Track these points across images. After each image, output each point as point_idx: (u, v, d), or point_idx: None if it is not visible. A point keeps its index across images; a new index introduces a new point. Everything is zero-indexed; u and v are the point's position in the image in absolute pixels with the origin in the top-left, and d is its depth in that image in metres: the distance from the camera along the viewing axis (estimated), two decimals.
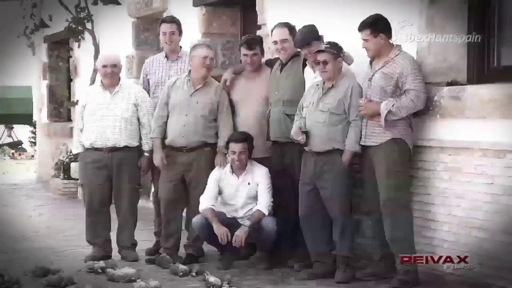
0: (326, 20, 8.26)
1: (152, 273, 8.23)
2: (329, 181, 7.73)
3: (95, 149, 8.97)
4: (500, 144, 6.82)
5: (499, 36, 7.41)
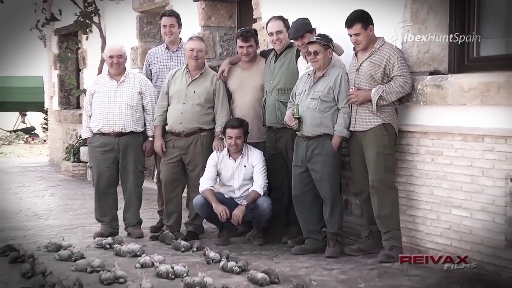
0: (318, 14, 8.22)
1: (156, 248, 8.27)
2: (319, 164, 7.74)
3: (103, 134, 9.00)
4: (479, 129, 6.85)
5: (478, 29, 7.38)
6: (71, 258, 7.71)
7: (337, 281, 6.77)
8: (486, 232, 6.79)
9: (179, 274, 6.93)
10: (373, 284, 6.72)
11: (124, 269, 7.04)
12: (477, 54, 7.41)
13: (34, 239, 8.97)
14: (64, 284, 6.45)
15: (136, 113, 8.95)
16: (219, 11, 11.58)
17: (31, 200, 12.74)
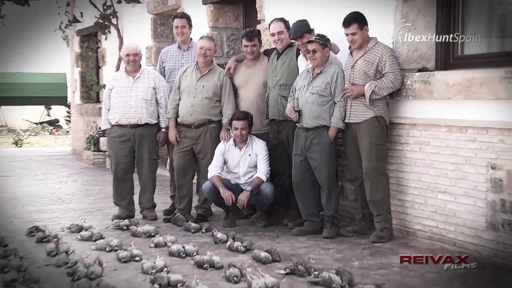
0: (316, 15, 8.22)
1: (168, 230, 8.30)
2: (317, 153, 7.76)
3: (120, 125, 9.01)
4: (463, 121, 6.88)
5: (463, 29, 7.38)
6: (91, 238, 7.76)
7: (333, 260, 6.79)
8: (469, 215, 6.83)
9: (189, 253, 6.95)
10: (365, 262, 6.74)
11: (140, 248, 7.08)
12: (461, 53, 7.43)
13: (58, 221, 8.99)
14: (85, 262, 6.48)
15: (150, 106, 8.96)
16: (226, 13, 11.57)
17: (55, 185, 12.76)
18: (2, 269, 6.43)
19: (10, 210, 10.03)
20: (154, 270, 6.26)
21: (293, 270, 6.26)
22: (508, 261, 6.39)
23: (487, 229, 6.63)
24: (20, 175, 14.39)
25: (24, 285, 5.90)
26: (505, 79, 6.35)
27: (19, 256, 6.91)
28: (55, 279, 6.21)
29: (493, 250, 6.57)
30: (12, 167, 15.98)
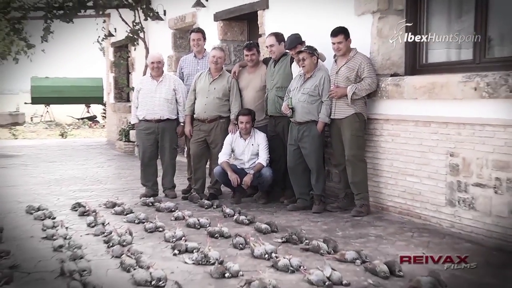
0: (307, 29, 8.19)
1: (186, 206, 8.28)
2: (308, 143, 7.75)
3: (146, 120, 9.01)
4: (427, 117, 6.90)
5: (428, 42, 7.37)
6: (123, 213, 7.78)
7: (320, 230, 6.80)
8: (431, 194, 6.86)
9: (203, 225, 6.97)
10: (347, 232, 6.75)
11: (162, 221, 7.10)
12: (426, 61, 7.44)
13: (96, 198, 8.99)
14: (118, 232, 6.49)
15: (171, 105, 8.95)
16: (233, 28, 11.54)
17: (94, 169, 12.76)
18: (52, 237, 6.50)
19: (58, 189, 10.04)
20: (174, 239, 6.28)
21: (288, 239, 6.28)
22: (463, 231, 6.43)
23: (446, 205, 6.66)
24: (65, 161, 14.39)
25: (69, 250, 5.92)
26: (461, 83, 6.36)
27: (65, 226, 6.95)
28: (94, 245, 6.22)
29: (451, 222, 6.60)
30: (59, 154, 15.98)
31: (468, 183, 6.38)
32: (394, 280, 5.01)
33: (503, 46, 6.48)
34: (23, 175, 12.01)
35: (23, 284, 5.03)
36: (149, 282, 4.93)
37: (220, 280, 5.07)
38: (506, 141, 5.95)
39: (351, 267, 5.37)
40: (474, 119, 6.30)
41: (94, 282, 4.85)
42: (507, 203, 5.95)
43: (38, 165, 13.67)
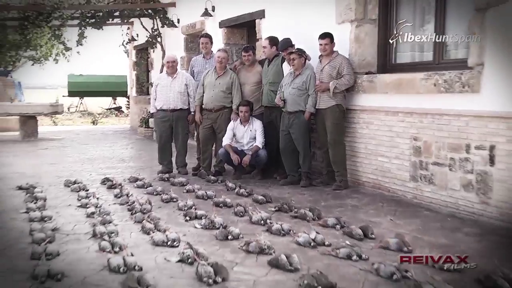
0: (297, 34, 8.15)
1: (195, 181, 8.27)
2: (296, 129, 7.74)
3: (163, 110, 8.98)
4: (395, 108, 6.89)
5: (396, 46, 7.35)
6: (144, 186, 7.80)
7: (307, 201, 6.80)
8: (398, 171, 6.87)
9: (210, 196, 6.98)
10: (329, 203, 6.76)
11: (176, 193, 7.09)
12: (395, 61, 7.42)
13: (121, 174, 8.98)
14: (140, 202, 6.49)
15: (183, 97, 8.92)
16: (235, 34, 11.50)
17: (119, 150, 12.74)
18: (85, 205, 6.52)
19: (90, 167, 10.03)
20: (186, 208, 6.29)
21: (280, 208, 6.29)
22: (424, 201, 6.46)
23: (410, 180, 6.67)
24: (95, 144, 14.36)
25: (100, 216, 5.94)
26: (423, 80, 6.36)
27: (96, 197, 6.96)
28: (119, 213, 6.25)
29: (414, 194, 6.62)
30: (91, 138, 15.95)
31: (428, 162, 6.39)
32: (367, 242, 5.04)
33: (458, 49, 6.46)
34: (61, 155, 11.99)
35: (63, 243, 5.05)
36: (165, 243, 4.95)
37: (224, 242, 5.08)
38: (459, 128, 5.96)
39: (332, 231, 5.39)
40: (433, 109, 6.30)
41: (120, 242, 4.87)
42: (459, 178, 5.98)
43: (74, 147, 13.64)
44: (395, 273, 4.07)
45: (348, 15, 7.52)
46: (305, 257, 4.57)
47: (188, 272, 4.27)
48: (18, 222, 5.91)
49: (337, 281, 3.94)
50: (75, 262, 4.55)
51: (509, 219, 5.44)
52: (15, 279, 4.18)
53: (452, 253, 4.50)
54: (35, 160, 11.14)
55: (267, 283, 4.05)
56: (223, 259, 4.52)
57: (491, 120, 5.59)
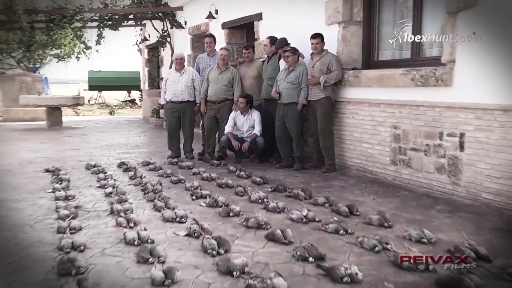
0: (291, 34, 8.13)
1: (200, 164, 8.25)
2: (290, 118, 7.72)
3: (172, 102, 8.94)
4: (377, 100, 6.88)
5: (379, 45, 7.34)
6: (155, 169, 7.79)
7: (300, 183, 6.80)
8: (380, 156, 6.87)
9: (214, 178, 6.98)
10: (319, 184, 6.76)
11: (184, 175, 7.11)
12: (377, 59, 7.37)
13: (135, 159, 8.98)
14: (152, 183, 6.50)
15: (190, 90, 8.87)
16: (236, 34, 11.44)
17: (133, 138, 12.73)
18: (104, 186, 6.53)
19: (108, 152, 10.02)
20: (193, 188, 6.29)
21: (275, 188, 6.29)
22: (402, 182, 6.46)
23: (390, 164, 6.68)
24: (112, 132, 14.35)
25: (116, 195, 5.95)
26: (402, 75, 6.34)
27: (113, 179, 6.97)
28: (134, 193, 6.24)
29: (393, 176, 6.62)
30: (108, 127, 15.94)
31: (406, 148, 6.39)
32: (352, 218, 5.05)
33: (432, 48, 6.44)
34: (83, 141, 11.98)
35: (84, 219, 5.06)
36: (174, 219, 4.96)
37: (226, 218, 5.09)
38: (433, 117, 5.96)
39: (322, 209, 5.41)
40: (411, 101, 6.29)
41: (135, 218, 4.89)
42: (433, 162, 5.98)
43: (93, 134, 13.61)
44: (377, 246, 4.10)
45: (336, 18, 7.48)
46: (298, 232, 4.58)
47: (194, 245, 4.29)
48: (46, 200, 5.93)
49: (326, 252, 3.97)
50: (95, 235, 4.58)
51: (476, 198, 5.47)
52: (44, 250, 4.22)
53: (426, 227, 4.54)
54: (60, 146, 11.14)
55: (264, 255, 4.06)
56: (225, 234, 4.53)
57: (461, 110, 5.60)
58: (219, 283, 3.52)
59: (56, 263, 3.80)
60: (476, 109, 5.44)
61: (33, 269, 3.80)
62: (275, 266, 3.76)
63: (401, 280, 3.54)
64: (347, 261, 3.86)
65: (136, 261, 3.91)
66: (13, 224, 4.97)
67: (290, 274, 3.63)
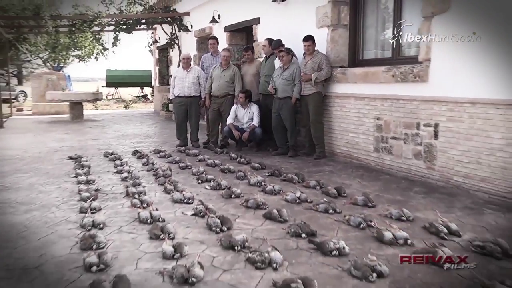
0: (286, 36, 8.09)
1: (205, 152, 8.24)
2: (285, 111, 7.68)
3: (179, 96, 8.88)
4: (362, 94, 6.83)
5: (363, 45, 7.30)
6: (165, 156, 7.77)
7: (293, 168, 6.80)
8: (364, 144, 6.84)
9: (217, 164, 6.96)
10: (311, 169, 6.75)
11: (190, 162, 7.11)
12: (362, 58, 7.32)
13: (147, 147, 8.95)
14: (162, 168, 6.49)
15: (196, 86, 8.81)
16: (236, 36, 11.36)
17: (146, 128, 12.71)
18: (120, 171, 6.53)
19: (123, 141, 9.99)
20: (198, 173, 6.29)
21: (272, 173, 6.29)
22: (384, 167, 6.45)
23: (373, 151, 6.66)
24: (127, 123, 14.31)
25: (131, 179, 5.95)
26: (384, 72, 6.32)
27: (128, 165, 6.96)
28: (146, 177, 6.24)
29: (376, 162, 6.61)
30: (123, 119, 15.89)
31: (388, 137, 6.37)
32: (340, 199, 5.05)
33: (410, 48, 6.41)
34: (101, 132, 11.94)
35: (103, 201, 5.06)
36: (182, 200, 4.96)
37: (228, 199, 5.10)
38: (411, 110, 5.94)
39: (313, 191, 5.41)
40: (392, 95, 6.26)
41: (147, 200, 4.89)
42: (411, 149, 5.98)
43: (110, 126, 13.58)
44: (362, 223, 4.11)
45: (325, 22, 7.44)
46: (292, 211, 4.59)
47: (200, 223, 4.29)
48: (69, 184, 5.93)
49: (317, 229, 3.98)
50: (113, 215, 4.58)
51: (448, 181, 5.48)
52: (68, 227, 4.22)
53: (405, 206, 4.56)
54: (81, 136, 11.10)
55: (262, 231, 4.07)
56: (227, 213, 4.54)
57: (436, 103, 5.59)
58: (222, 256, 3.53)
59: (79, 239, 3.82)
60: (448, 102, 5.43)
61: (60, 244, 3.82)
62: (272, 241, 3.77)
63: (383, 253, 3.55)
64: (335, 236, 3.87)
65: (149, 237, 3.92)
66: (42, 205, 4.99)
67: (285, 248, 3.64)
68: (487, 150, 5.01)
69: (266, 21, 9.47)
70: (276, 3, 8.71)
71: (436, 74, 5.60)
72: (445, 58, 5.45)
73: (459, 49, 5.23)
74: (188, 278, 3.06)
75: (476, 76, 5.08)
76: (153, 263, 3.43)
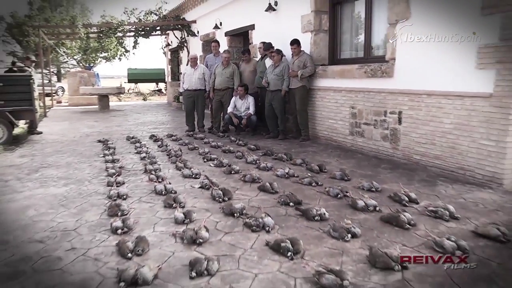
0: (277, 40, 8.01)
1: (210, 136, 8.18)
2: (276, 101, 7.60)
3: (188, 90, 8.79)
4: (340, 88, 6.75)
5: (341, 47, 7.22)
6: (176, 140, 7.70)
7: (283, 149, 6.77)
8: (342, 128, 6.77)
9: (220, 146, 6.92)
10: (297, 149, 6.71)
11: (197, 144, 7.07)
12: (340, 57, 7.23)
13: (161, 132, 8.89)
14: (174, 149, 6.46)
15: (201, 81, 8.70)
16: (235, 40, 11.21)
17: (160, 117, 12.62)
18: (139, 152, 6.48)
19: (142, 127, 9.91)
20: (204, 153, 6.25)
21: (265, 153, 6.25)
22: (358, 148, 6.41)
23: (349, 135, 6.61)
24: (145, 112, 14.20)
25: (149, 159, 5.92)
26: (357, 69, 6.25)
27: (146, 147, 6.91)
28: (161, 157, 6.19)
29: (351, 144, 6.57)
30: (142, 109, 15.77)
31: (360, 123, 6.33)
32: (322, 174, 5.05)
33: (379, 49, 6.36)
34: (124, 120, 11.84)
35: (126, 176, 5.04)
36: (191, 176, 4.95)
37: (229, 175, 5.08)
38: (380, 100, 5.90)
39: (299, 168, 5.39)
40: (364, 88, 6.20)
41: (162, 175, 4.89)
42: (379, 133, 5.95)
43: (131, 115, 13.45)
44: (339, 193, 4.12)
45: (309, 27, 7.34)
46: (282, 184, 4.58)
47: (206, 194, 4.28)
48: (98, 162, 5.91)
49: (302, 199, 3.99)
50: (134, 188, 4.57)
51: (409, 158, 5.48)
52: (98, 198, 4.24)
53: (374, 180, 4.56)
54: (107, 123, 11.01)
55: (257, 201, 4.07)
56: (228, 186, 4.53)
57: (400, 95, 5.55)
58: (224, 221, 3.54)
59: (107, 207, 3.85)
60: (409, 94, 5.40)
61: (92, 211, 3.84)
62: (265, 209, 3.78)
63: (356, 218, 3.56)
64: (317, 205, 3.88)
65: (163, 206, 3.92)
66: (77, 179, 4.99)
67: (276, 215, 3.65)
68: (440, 133, 5.01)
69: (260, 27, 9.35)
70: (268, 12, 8.59)
71: (400, 71, 5.55)
72: (407, 57, 5.41)
73: (419, 49, 5.19)
74: (196, 239, 3.09)
75: (431, 72, 5.06)
76: (167, 227, 3.44)
